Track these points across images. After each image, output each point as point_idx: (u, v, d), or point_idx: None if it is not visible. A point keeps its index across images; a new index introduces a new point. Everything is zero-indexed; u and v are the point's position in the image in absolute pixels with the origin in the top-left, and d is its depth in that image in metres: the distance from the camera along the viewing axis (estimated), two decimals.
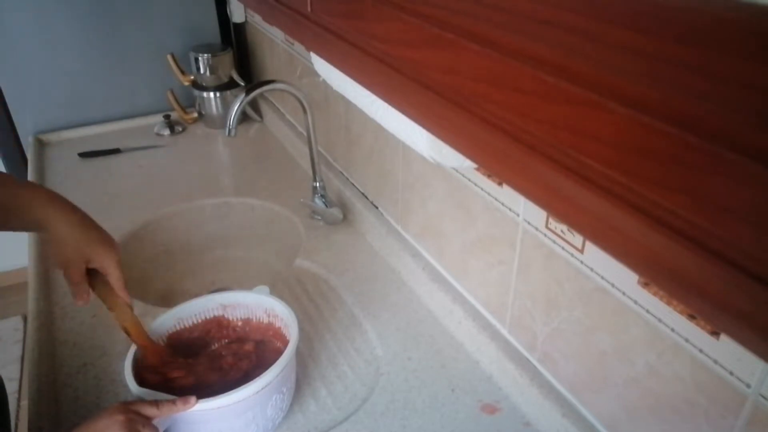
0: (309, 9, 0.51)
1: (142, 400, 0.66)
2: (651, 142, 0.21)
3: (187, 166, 1.44)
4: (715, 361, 0.52)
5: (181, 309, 0.81)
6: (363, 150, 1.13)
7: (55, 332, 0.93)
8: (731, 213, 0.19)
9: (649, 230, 0.23)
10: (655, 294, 0.57)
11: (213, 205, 1.30)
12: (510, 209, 0.75)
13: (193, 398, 0.65)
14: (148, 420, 0.64)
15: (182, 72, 1.59)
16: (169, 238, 1.25)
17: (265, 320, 0.82)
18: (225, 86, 1.59)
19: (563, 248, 0.67)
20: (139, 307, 0.97)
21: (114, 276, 0.75)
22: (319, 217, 1.19)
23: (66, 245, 0.70)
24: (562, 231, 0.67)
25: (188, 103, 1.65)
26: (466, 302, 0.90)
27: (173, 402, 0.65)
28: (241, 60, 1.76)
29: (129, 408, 0.64)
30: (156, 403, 0.65)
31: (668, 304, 0.56)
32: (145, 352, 0.74)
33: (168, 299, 1.12)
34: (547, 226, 0.69)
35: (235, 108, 1.00)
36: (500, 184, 0.76)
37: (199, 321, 0.82)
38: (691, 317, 0.54)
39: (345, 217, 1.21)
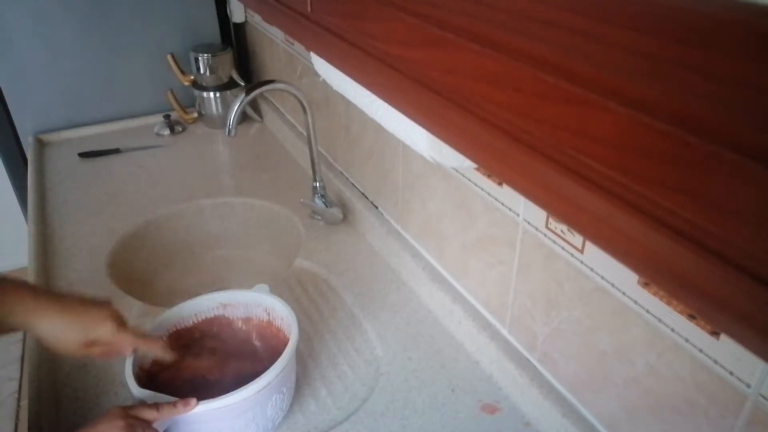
0: (309, 9, 0.51)
1: (141, 404, 0.65)
2: (651, 142, 0.21)
3: (187, 166, 1.44)
4: (715, 361, 0.52)
5: (181, 308, 0.81)
6: (363, 150, 1.13)
7: None
8: (731, 213, 0.19)
9: (649, 230, 0.23)
10: (655, 294, 0.57)
11: (213, 205, 1.30)
12: (510, 209, 0.75)
13: (193, 400, 0.65)
14: (148, 423, 0.64)
15: (182, 72, 1.59)
16: (169, 238, 1.25)
17: (265, 319, 0.82)
18: (225, 86, 1.59)
19: (563, 248, 0.67)
20: (138, 307, 0.97)
21: (123, 344, 0.71)
22: (319, 217, 1.19)
23: (60, 347, 0.68)
24: (562, 231, 0.67)
25: (188, 103, 1.65)
26: (466, 302, 0.90)
27: (173, 404, 0.65)
28: (241, 60, 1.76)
29: (128, 412, 0.63)
30: (156, 405, 0.65)
31: (668, 304, 0.56)
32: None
33: (168, 299, 1.12)
34: (547, 226, 0.69)
35: (235, 108, 1.00)
36: (500, 184, 0.76)
37: (200, 320, 0.82)
38: (691, 317, 0.54)
39: (345, 217, 1.21)
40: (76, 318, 0.67)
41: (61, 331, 0.67)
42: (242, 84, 1.60)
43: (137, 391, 0.68)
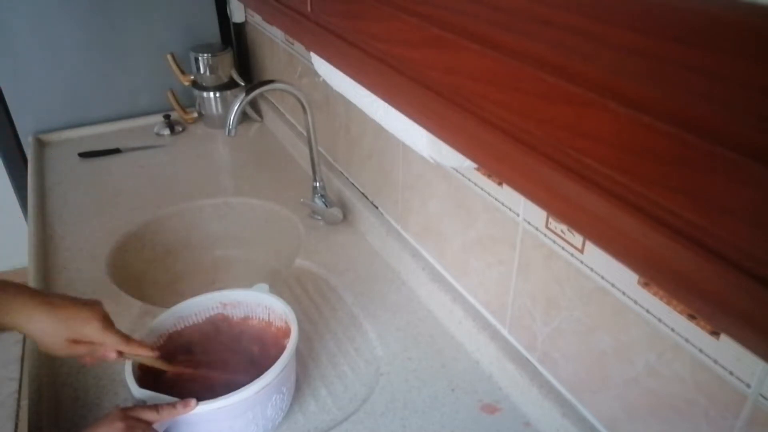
0: (309, 9, 0.51)
1: (141, 405, 0.65)
2: (651, 142, 0.21)
3: (187, 166, 1.44)
4: (715, 361, 0.52)
5: (181, 307, 0.81)
6: (363, 150, 1.13)
7: None
8: (731, 213, 0.19)
9: (649, 230, 0.23)
10: (655, 294, 0.57)
11: (213, 205, 1.30)
12: (510, 209, 0.75)
13: (193, 401, 0.65)
14: (148, 425, 0.64)
15: (182, 72, 1.59)
16: (169, 238, 1.25)
17: (265, 319, 0.82)
18: (225, 86, 1.59)
19: (563, 248, 0.67)
20: (139, 307, 0.97)
21: (108, 344, 0.70)
22: (319, 217, 1.19)
23: (47, 345, 0.68)
24: (562, 231, 0.67)
25: (188, 103, 1.65)
26: (466, 302, 0.90)
27: (173, 405, 0.65)
28: (241, 60, 1.76)
29: (128, 414, 0.63)
30: (156, 406, 0.65)
31: (668, 304, 0.56)
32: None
33: (168, 299, 1.12)
34: (547, 226, 0.69)
35: (235, 108, 1.00)
36: (500, 184, 0.76)
37: (200, 319, 0.82)
38: (691, 317, 0.54)
39: (345, 217, 1.21)
40: (63, 316, 0.67)
41: (49, 329, 0.67)
42: (242, 84, 1.60)
43: (137, 391, 0.68)
